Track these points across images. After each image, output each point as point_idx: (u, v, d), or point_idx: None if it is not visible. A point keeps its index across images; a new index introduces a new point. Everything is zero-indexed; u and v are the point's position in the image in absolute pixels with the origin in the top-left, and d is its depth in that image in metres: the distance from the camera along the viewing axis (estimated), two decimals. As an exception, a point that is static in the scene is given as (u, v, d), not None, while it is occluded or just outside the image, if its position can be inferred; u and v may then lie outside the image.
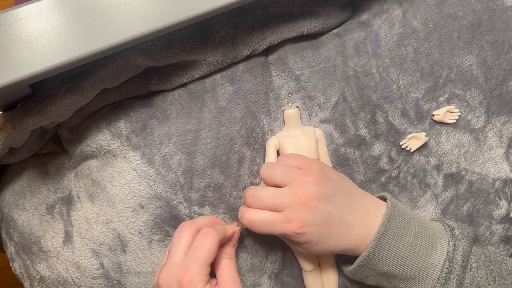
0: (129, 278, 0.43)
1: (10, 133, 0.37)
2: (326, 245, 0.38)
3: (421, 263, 0.38)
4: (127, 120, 0.42)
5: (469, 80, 0.46)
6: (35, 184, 0.46)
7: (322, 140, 0.44)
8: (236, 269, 0.40)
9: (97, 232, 0.43)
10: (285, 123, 0.45)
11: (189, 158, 0.42)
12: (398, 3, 0.46)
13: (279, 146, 0.44)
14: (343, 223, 0.38)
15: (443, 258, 0.38)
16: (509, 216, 0.48)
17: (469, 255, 0.38)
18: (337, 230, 0.38)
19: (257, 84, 0.44)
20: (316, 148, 0.43)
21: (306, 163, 0.40)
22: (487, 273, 0.38)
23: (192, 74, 0.43)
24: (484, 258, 0.39)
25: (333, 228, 0.38)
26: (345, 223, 0.38)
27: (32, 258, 0.45)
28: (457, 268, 0.37)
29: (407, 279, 0.38)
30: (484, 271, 0.38)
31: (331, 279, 0.45)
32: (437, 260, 0.38)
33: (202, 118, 0.43)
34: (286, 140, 0.43)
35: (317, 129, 0.45)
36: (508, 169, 0.48)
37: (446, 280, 0.37)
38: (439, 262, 0.38)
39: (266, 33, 0.44)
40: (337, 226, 0.38)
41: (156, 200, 0.42)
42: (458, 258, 0.37)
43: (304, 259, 0.44)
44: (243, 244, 0.45)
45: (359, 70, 0.45)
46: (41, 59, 0.31)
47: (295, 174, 0.39)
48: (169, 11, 0.33)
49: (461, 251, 0.38)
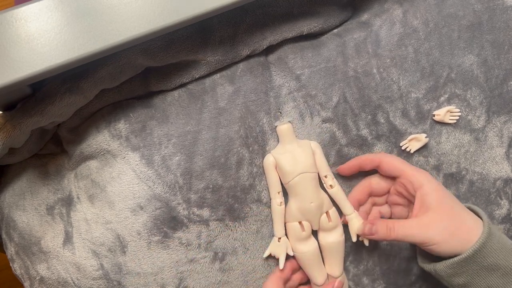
0: (129, 279, 0.43)
1: (10, 133, 0.37)
2: (451, 202, 0.40)
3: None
4: (127, 120, 0.42)
5: (470, 79, 0.46)
6: (35, 185, 0.45)
7: (319, 152, 0.44)
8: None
9: (97, 233, 0.43)
10: (279, 139, 0.44)
11: (188, 159, 0.42)
12: (398, 3, 0.46)
13: (276, 164, 0.43)
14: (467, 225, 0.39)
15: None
16: (510, 216, 0.48)
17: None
18: (459, 205, 0.40)
19: (257, 83, 0.44)
20: (313, 161, 0.43)
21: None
22: None
23: (192, 74, 0.43)
24: None
25: (455, 201, 0.40)
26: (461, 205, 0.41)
27: (32, 258, 0.45)
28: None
29: (510, 273, 0.38)
30: None
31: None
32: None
33: (202, 119, 0.43)
34: (283, 156, 0.43)
35: (312, 142, 0.44)
36: (508, 169, 0.48)
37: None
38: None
39: (266, 33, 0.44)
40: (458, 202, 0.40)
41: (155, 201, 0.42)
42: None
43: (314, 272, 0.44)
44: (246, 246, 0.45)
45: (360, 71, 0.45)
46: (41, 59, 0.31)
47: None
48: (169, 11, 0.33)
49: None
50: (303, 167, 0.42)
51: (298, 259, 0.44)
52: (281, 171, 0.43)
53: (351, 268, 0.47)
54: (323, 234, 0.44)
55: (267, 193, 0.44)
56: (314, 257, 0.44)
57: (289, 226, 0.44)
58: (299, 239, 0.43)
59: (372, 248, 0.47)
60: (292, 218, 0.43)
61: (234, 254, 0.44)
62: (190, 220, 0.43)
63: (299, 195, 0.42)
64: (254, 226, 0.45)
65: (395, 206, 0.45)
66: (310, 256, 0.43)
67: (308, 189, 0.42)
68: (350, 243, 0.46)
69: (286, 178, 0.42)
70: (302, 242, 0.43)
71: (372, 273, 0.47)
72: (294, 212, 0.43)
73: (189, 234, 0.43)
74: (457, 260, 0.38)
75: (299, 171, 0.42)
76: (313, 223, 0.43)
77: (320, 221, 0.43)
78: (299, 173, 0.42)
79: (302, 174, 0.42)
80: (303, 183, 0.42)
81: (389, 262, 0.47)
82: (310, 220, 0.43)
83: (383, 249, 0.47)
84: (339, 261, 0.44)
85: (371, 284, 0.47)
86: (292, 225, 0.43)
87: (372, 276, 0.47)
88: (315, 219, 0.43)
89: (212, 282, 0.44)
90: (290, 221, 0.43)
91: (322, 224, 0.43)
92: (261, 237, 0.45)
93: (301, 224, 0.43)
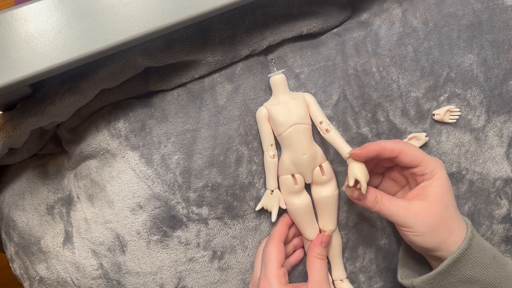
0: (128, 278, 0.43)
1: (10, 133, 0.37)
2: (452, 206, 0.39)
3: (502, 271, 0.38)
4: (126, 120, 0.42)
5: (470, 79, 0.46)
6: (35, 185, 0.45)
7: (313, 103, 0.43)
8: (326, 269, 0.42)
9: (97, 233, 0.43)
10: (272, 90, 0.43)
11: (187, 158, 0.42)
12: (398, 3, 0.46)
13: (268, 116, 0.42)
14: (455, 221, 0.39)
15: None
16: (510, 216, 0.48)
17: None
18: (452, 215, 0.39)
19: (256, 81, 0.44)
20: (306, 112, 0.42)
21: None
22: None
23: (192, 74, 0.43)
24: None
25: (452, 208, 0.39)
26: (452, 224, 0.39)
27: (31, 258, 0.45)
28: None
29: (489, 287, 0.38)
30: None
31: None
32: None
33: (201, 118, 0.43)
34: (275, 107, 0.42)
35: (306, 93, 0.44)
36: (508, 169, 0.48)
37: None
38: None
39: (265, 33, 0.44)
40: (453, 212, 0.39)
41: (155, 200, 0.42)
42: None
43: (306, 226, 0.44)
44: (244, 244, 0.45)
45: (359, 69, 0.45)
46: (41, 59, 0.31)
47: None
48: (169, 11, 0.33)
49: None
50: (296, 118, 0.41)
51: (290, 212, 0.44)
52: (274, 123, 0.42)
53: (347, 265, 0.47)
54: (316, 188, 0.44)
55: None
56: (307, 210, 0.44)
57: (281, 179, 0.43)
58: (292, 192, 0.43)
59: (369, 245, 0.47)
60: (284, 171, 0.43)
61: (232, 253, 0.44)
62: (189, 218, 0.43)
63: (292, 147, 0.42)
64: (253, 224, 0.45)
65: (389, 180, 0.44)
66: (303, 209, 0.43)
67: (301, 141, 0.42)
68: (346, 240, 0.46)
69: (279, 129, 0.42)
70: (294, 196, 0.43)
71: (369, 270, 0.47)
72: (286, 165, 0.43)
73: (188, 233, 0.43)
74: (433, 274, 0.38)
75: (292, 122, 0.41)
76: (306, 176, 0.43)
77: (313, 174, 0.43)
78: (292, 124, 0.41)
79: (295, 125, 0.41)
80: (296, 135, 0.42)
81: (387, 261, 0.47)
82: (303, 173, 0.43)
83: (380, 247, 0.47)
84: (332, 216, 0.44)
85: (367, 282, 0.47)
86: (285, 178, 0.43)
87: (369, 273, 0.47)
88: (308, 172, 0.43)
89: (211, 281, 0.44)
90: (283, 174, 0.43)
91: (315, 177, 0.43)
92: (259, 234, 0.45)
93: (294, 177, 0.43)
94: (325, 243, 0.43)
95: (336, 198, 0.44)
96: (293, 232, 0.46)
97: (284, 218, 0.45)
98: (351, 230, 0.46)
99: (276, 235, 0.43)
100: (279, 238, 0.43)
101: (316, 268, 0.41)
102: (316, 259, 0.42)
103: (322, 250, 0.43)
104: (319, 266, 0.42)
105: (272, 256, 0.41)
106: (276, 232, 0.43)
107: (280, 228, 0.44)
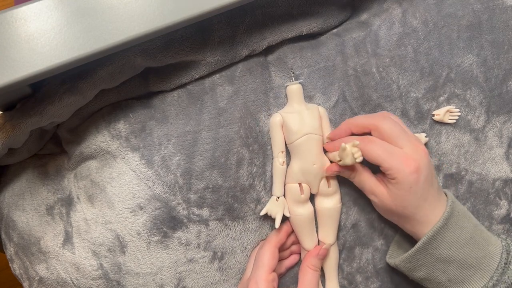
0: (128, 279, 0.43)
1: (10, 133, 0.37)
2: (414, 205, 0.39)
3: (480, 251, 0.39)
4: (126, 121, 0.42)
5: (469, 79, 0.46)
6: (35, 185, 0.45)
7: (326, 118, 0.44)
8: (317, 281, 0.43)
9: (97, 233, 0.43)
10: (288, 99, 0.44)
11: (188, 159, 0.42)
12: (397, 3, 0.46)
13: (282, 123, 0.43)
14: (434, 194, 0.40)
15: (500, 250, 0.39)
16: (509, 216, 0.48)
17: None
18: (430, 198, 0.39)
19: (256, 83, 0.44)
20: (319, 124, 0.43)
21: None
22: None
23: (191, 74, 0.43)
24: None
25: (429, 194, 0.39)
26: (434, 196, 0.40)
27: (31, 259, 0.45)
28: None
29: (466, 266, 0.39)
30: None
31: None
32: (494, 251, 0.39)
33: (201, 119, 0.43)
34: (290, 115, 0.43)
35: (320, 107, 0.44)
36: (508, 169, 0.48)
37: (505, 270, 0.38)
38: (496, 252, 0.39)
39: (265, 33, 0.44)
40: (431, 194, 0.39)
41: (155, 201, 0.42)
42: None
43: (305, 237, 0.44)
44: (244, 245, 0.45)
45: (359, 70, 0.45)
46: (41, 59, 0.31)
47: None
48: (169, 11, 0.33)
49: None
50: (310, 128, 0.42)
51: (292, 221, 0.44)
52: (287, 130, 0.43)
53: (344, 266, 0.47)
54: (320, 199, 0.44)
55: (267, 193, 0.45)
56: (308, 221, 0.44)
57: (288, 187, 0.44)
58: (297, 201, 0.44)
59: (366, 246, 0.47)
60: (292, 179, 0.43)
61: (232, 254, 0.44)
62: (189, 220, 0.43)
63: (302, 156, 0.43)
64: (253, 226, 0.45)
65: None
66: (305, 219, 0.44)
67: (312, 151, 0.43)
68: (343, 241, 0.46)
69: (292, 137, 0.42)
70: (299, 205, 0.44)
71: (365, 271, 0.47)
72: (295, 173, 0.43)
73: (189, 234, 0.43)
74: (411, 253, 0.40)
75: (305, 132, 0.42)
76: (312, 186, 0.44)
77: (319, 185, 0.44)
78: (305, 133, 0.42)
79: (308, 135, 0.42)
80: (308, 144, 0.42)
81: (384, 261, 0.47)
82: (310, 183, 0.43)
83: (377, 248, 0.47)
84: (333, 229, 0.45)
85: (364, 282, 0.47)
86: (292, 186, 0.44)
87: (366, 274, 0.47)
88: (315, 182, 0.43)
89: (211, 282, 0.44)
90: (290, 182, 0.44)
91: (321, 188, 0.44)
92: (259, 236, 0.45)
93: (300, 187, 0.43)
94: (322, 256, 0.44)
95: (338, 211, 0.45)
96: (291, 240, 0.46)
97: (285, 225, 0.45)
98: (348, 231, 0.46)
99: (272, 240, 0.43)
100: (275, 244, 0.43)
101: (307, 279, 0.42)
102: (309, 269, 0.43)
103: (317, 262, 0.43)
104: (310, 277, 0.42)
105: (265, 259, 0.42)
106: (274, 237, 0.44)
107: (279, 235, 0.44)
